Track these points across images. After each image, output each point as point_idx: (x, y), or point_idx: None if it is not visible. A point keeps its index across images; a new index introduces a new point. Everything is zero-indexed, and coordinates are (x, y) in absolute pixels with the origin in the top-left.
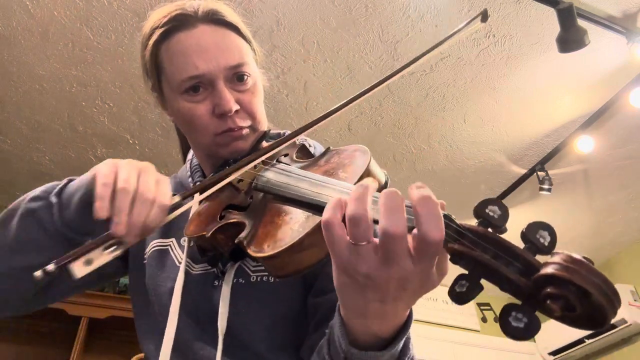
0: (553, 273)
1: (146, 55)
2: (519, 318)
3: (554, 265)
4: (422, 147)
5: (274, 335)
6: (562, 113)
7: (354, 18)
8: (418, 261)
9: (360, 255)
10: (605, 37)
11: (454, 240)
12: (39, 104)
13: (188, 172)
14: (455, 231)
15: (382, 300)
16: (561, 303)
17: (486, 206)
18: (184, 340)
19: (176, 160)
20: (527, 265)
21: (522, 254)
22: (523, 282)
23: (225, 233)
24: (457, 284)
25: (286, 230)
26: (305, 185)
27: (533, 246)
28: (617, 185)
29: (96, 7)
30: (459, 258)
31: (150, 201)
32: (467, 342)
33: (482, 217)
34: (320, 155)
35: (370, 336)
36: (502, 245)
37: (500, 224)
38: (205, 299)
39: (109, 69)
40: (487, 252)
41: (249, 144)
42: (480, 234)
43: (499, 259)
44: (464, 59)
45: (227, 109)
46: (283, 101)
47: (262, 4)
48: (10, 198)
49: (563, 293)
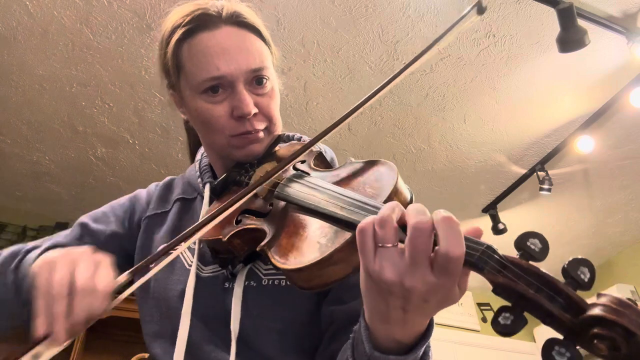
0: (603, 316)
1: (168, 53)
2: (562, 352)
3: (603, 308)
4: (422, 147)
5: (285, 339)
6: (562, 113)
7: (354, 18)
8: (439, 275)
9: (386, 260)
10: (605, 37)
11: (497, 272)
12: (39, 104)
13: (197, 172)
14: (498, 262)
15: (404, 309)
16: (608, 343)
17: (527, 239)
18: (195, 343)
19: (176, 160)
20: (570, 302)
21: (566, 290)
22: (567, 318)
23: (242, 238)
24: (501, 316)
25: (313, 244)
26: (337, 202)
27: (574, 281)
28: (617, 185)
29: (96, 7)
30: (502, 290)
31: (89, 293)
32: (467, 342)
33: (523, 250)
34: (342, 167)
35: (393, 342)
36: (545, 280)
37: (541, 258)
38: (216, 301)
39: (109, 69)
40: (530, 286)
41: (264, 147)
42: (524, 267)
43: (541, 293)
44: (464, 59)
45: (247, 111)
46: (283, 101)
47: (262, 4)
48: (10, 198)
49: (611, 335)
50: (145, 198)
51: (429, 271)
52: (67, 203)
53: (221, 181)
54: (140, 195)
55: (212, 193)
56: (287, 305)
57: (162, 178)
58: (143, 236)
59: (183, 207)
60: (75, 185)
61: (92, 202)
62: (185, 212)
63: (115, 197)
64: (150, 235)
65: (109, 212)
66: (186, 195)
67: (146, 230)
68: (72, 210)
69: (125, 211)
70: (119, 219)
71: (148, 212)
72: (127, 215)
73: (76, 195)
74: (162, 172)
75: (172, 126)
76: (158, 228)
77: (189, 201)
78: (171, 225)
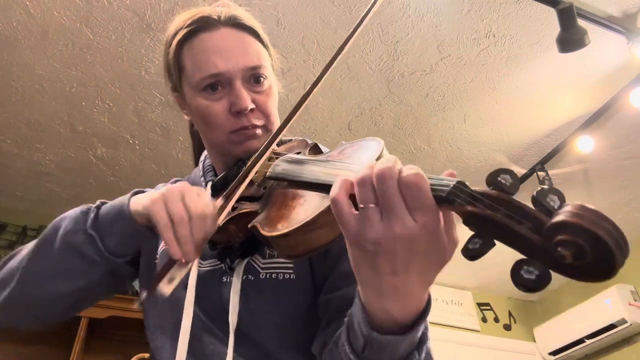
0: (564, 220)
1: (170, 54)
2: (530, 271)
3: (565, 213)
4: (422, 147)
5: (283, 333)
6: (562, 113)
7: (354, 18)
8: (416, 214)
9: (367, 221)
10: (605, 37)
11: (468, 204)
12: (39, 104)
13: (200, 172)
14: (469, 195)
15: (394, 271)
16: (572, 249)
17: (498, 174)
18: (193, 334)
19: (176, 160)
20: (538, 222)
21: (534, 213)
22: (535, 237)
23: (237, 224)
24: (470, 242)
25: (300, 211)
26: (319, 168)
27: (544, 209)
28: (617, 185)
29: (96, 7)
30: (473, 220)
31: (202, 217)
32: (467, 342)
33: (494, 184)
34: (333, 149)
35: (390, 322)
36: (514, 206)
37: (511, 191)
38: (214, 294)
39: (109, 69)
40: (498, 212)
41: (262, 144)
42: (493, 196)
43: (510, 219)
44: (464, 59)
45: (244, 106)
46: (283, 101)
47: (262, 4)
48: (10, 198)
49: (574, 239)
50: None
51: (406, 215)
52: (67, 203)
53: (221, 179)
54: None
55: (212, 191)
56: (285, 299)
57: (162, 178)
58: None
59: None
60: (75, 185)
61: (92, 202)
62: None
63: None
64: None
65: None
66: None
67: None
68: None
69: None
70: None
71: None
72: None
73: (76, 195)
74: (162, 172)
75: (172, 126)
76: None
77: None
78: None
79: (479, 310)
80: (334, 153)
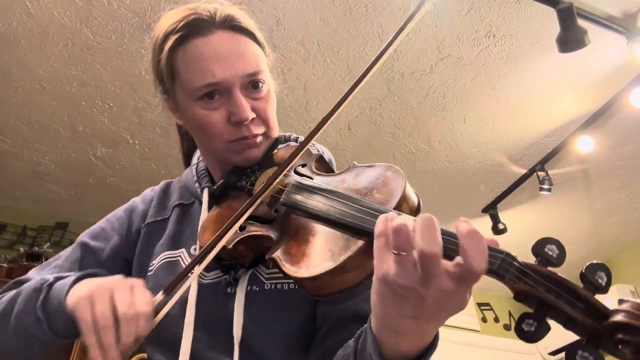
0: (628, 322)
1: (161, 60)
2: (585, 357)
3: (626, 314)
4: (422, 147)
5: (288, 344)
6: (562, 113)
7: (354, 18)
8: (458, 284)
9: (402, 267)
10: (605, 37)
11: (517, 279)
12: (39, 104)
13: (195, 177)
14: (518, 270)
15: (417, 317)
16: (632, 348)
17: (545, 245)
18: (197, 350)
19: (176, 160)
20: (591, 306)
21: (585, 295)
22: (589, 323)
23: (247, 245)
24: (524, 323)
25: (325, 252)
26: (346, 209)
27: (592, 286)
28: (617, 185)
29: (96, 7)
30: (523, 297)
31: (133, 319)
32: (467, 342)
33: (541, 256)
34: (346, 171)
35: (398, 354)
36: (565, 285)
37: (558, 263)
38: (218, 307)
39: (109, 69)
40: (550, 292)
41: (262, 152)
42: (543, 273)
43: (562, 299)
44: (464, 59)
45: (244, 117)
46: (283, 101)
47: (262, 4)
48: (10, 198)
49: (635, 340)
50: (142, 205)
51: (446, 279)
52: (67, 203)
53: (220, 186)
54: (136, 204)
55: (210, 198)
56: (290, 310)
57: (162, 178)
58: (143, 243)
59: (182, 213)
60: (75, 185)
61: (92, 202)
62: (183, 217)
63: (115, 197)
64: (150, 243)
65: (107, 227)
66: (184, 201)
67: (146, 237)
68: (72, 210)
69: (122, 223)
70: (117, 232)
71: (147, 220)
72: (124, 227)
73: (76, 195)
74: (162, 172)
75: (172, 126)
76: (158, 235)
77: (187, 206)
78: (171, 231)
79: (479, 310)
80: (347, 178)
